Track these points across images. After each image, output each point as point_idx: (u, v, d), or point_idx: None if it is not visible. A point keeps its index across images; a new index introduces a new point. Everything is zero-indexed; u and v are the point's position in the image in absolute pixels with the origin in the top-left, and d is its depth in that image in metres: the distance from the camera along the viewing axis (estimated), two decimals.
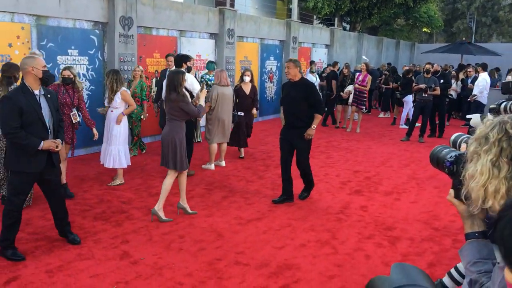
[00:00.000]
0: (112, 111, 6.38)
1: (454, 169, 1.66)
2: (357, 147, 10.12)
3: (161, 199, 5.21)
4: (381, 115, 15.50)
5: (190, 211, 5.47)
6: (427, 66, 10.89)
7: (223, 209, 5.72)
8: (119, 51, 8.67)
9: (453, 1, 38.49)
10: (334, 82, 12.64)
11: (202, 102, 5.43)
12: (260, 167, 7.95)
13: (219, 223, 5.26)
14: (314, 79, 14.45)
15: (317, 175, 7.49)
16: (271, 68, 14.18)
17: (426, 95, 10.43)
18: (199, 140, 9.96)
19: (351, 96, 11.76)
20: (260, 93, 13.71)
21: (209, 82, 8.93)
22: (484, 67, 11.80)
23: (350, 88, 11.69)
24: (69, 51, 8.05)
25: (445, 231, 5.25)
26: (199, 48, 11.09)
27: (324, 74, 14.29)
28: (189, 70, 6.94)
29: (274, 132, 11.59)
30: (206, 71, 9.39)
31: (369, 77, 11.54)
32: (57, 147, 4.21)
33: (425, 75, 10.72)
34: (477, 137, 1.46)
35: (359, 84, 11.63)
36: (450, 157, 1.70)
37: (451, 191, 1.67)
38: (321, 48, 17.33)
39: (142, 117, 8.17)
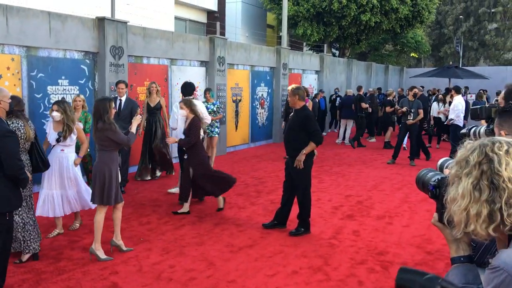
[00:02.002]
0: (62, 150, 5.44)
1: (437, 193, 1.66)
2: (349, 171, 10.13)
3: (96, 239, 4.86)
4: (369, 139, 15.56)
5: (125, 248, 5.11)
6: (415, 90, 11.11)
7: (214, 237, 5.66)
8: (110, 80, 8.71)
9: (439, 26, 39.34)
10: (363, 104, 13.50)
11: (134, 129, 5.12)
12: (252, 193, 7.91)
13: (211, 251, 5.19)
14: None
15: None
16: (262, 94, 14.29)
17: (410, 120, 10.62)
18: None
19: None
20: (251, 119, 13.78)
21: (209, 110, 8.95)
22: (457, 90, 11.89)
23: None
24: (60, 81, 8.08)
25: (438, 255, 5.21)
26: (190, 75, 11.16)
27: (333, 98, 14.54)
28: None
29: (266, 158, 11.60)
30: (204, 99, 9.12)
31: (309, 103, 10.72)
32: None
33: (410, 98, 10.91)
34: (458, 161, 1.47)
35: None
36: (433, 181, 1.70)
37: (435, 215, 1.67)
38: (311, 74, 17.53)
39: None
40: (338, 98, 16.00)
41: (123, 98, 7.81)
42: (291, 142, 5.75)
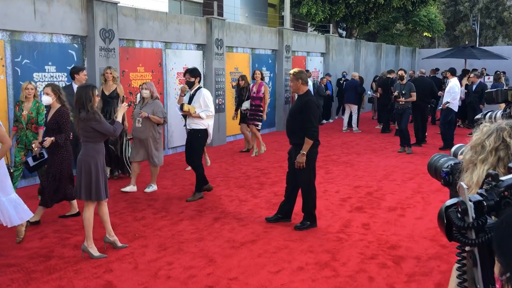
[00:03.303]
0: None
1: (450, 180, 1.66)
2: (358, 160, 10.14)
3: (87, 236, 4.88)
4: (378, 126, 15.58)
5: (119, 244, 5.14)
6: (400, 72, 11.42)
7: (215, 232, 5.69)
8: (100, 66, 8.70)
9: (454, 3, 39.02)
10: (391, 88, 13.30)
11: (119, 118, 5.13)
12: (254, 185, 7.94)
13: (211, 247, 5.22)
14: (309, 84, 14.67)
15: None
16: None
17: (402, 103, 10.89)
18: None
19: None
20: None
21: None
22: (453, 72, 11.90)
23: (246, 104, 10.34)
24: (46, 67, 8.07)
25: (454, 248, 5.19)
26: (186, 60, 11.14)
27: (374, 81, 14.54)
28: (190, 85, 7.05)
29: (268, 147, 11.60)
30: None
31: (265, 87, 10.27)
32: None
33: (400, 81, 11.18)
34: (472, 145, 1.46)
35: (255, 96, 10.31)
36: (446, 167, 1.70)
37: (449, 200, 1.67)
38: (316, 56, 17.46)
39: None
40: (345, 83, 16.00)
41: None
42: (293, 129, 5.77)
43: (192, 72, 7.04)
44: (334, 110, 17.71)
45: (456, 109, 11.38)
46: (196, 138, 6.95)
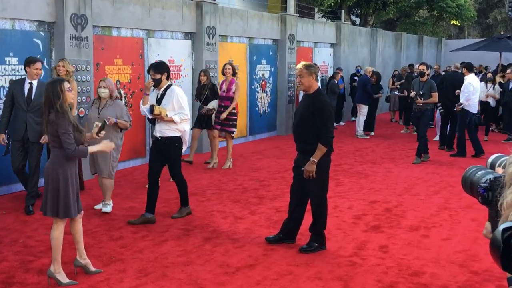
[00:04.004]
0: None
1: (489, 197, 1.67)
2: (374, 171, 10.15)
3: (54, 259, 4.85)
4: (403, 130, 15.63)
5: (93, 269, 5.11)
6: (421, 67, 11.29)
7: (205, 255, 5.68)
8: (71, 57, 8.69)
9: None
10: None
11: (93, 149, 5.09)
12: (252, 200, 7.93)
13: (200, 272, 5.21)
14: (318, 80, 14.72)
15: None
16: (263, 74, 14.29)
17: (420, 105, 10.81)
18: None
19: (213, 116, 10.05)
20: (249, 106, 13.78)
21: None
22: (469, 67, 11.83)
23: (213, 104, 9.85)
24: (7, 59, 8.07)
25: (487, 275, 5.24)
26: (172, 51, 11.16)
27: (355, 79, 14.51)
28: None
29: (268, 154, 11.61)
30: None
31: (236, 84, 9.95)
32: None
33: (420, 78, 11.10)
34: None
35: (224, 95, 9.94)
36: (484, 182, 1.71)
37: (487, 225, 1.68)
38: (325, 48, 17.52)
39: None
40: (357, 79, 16.08)
41: (35, 82, 7.20)
42: (302, 134, 5.77)
43: (156, 68, 6.75)
44: (347, 111, 17.75)
45: (473, 110, 11.43)
46: (172, 148, 6.75)
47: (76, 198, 4.93)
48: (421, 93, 10.79)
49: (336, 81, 15.78)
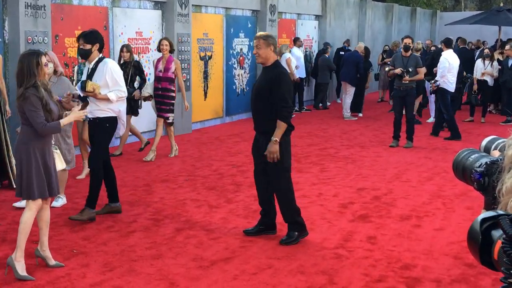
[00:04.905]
0: None
1: (485, 183, 1.68)
2: (362, 155, 10.21)
3: (19, 245, 4.84)
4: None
5: (53, 262, 5.08)
6: (406, 40, 11.22)
7: (177, 247, 5.67)
8: (26, 29, 8.55)
9: None
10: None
11: (64, 122, 5.04)
12: (229, 187, 7.93)
13: (172, 266, 5.21)
14: (300, 55, 14.70)
15: (307, 195, 7.52)
16: (241, 49, 14.22)
17: (406, 82, 10.70)
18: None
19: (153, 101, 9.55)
20: (226, 84, 13.73)
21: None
22: (448, 43, 12.03)
23: (149, 89, 9.34)
24: None
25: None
26: (140, 22, 11.03)
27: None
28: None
29: (248, 137, 11.59)
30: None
31: (175, 62, 9.40)
32: None
33: (403, 53, 11.01)
34: None
35: (161, 75, 9.33)
36: (479, 166, 1.71)
37: (484, 213, 1.68)
38: (309, 20, 17.48)
39: None
40: (344, 55, 16.09)
41: None
42: (262, 112, 5.75)
43: (86, 37, 6.36)
44: (332, 90, 17.79)
45: (451, 88, 11.59)
46: (102, 130, 6.32)
47: (47, 180, 4.92)
48: (410, 70, 10.72)
49: (327, 56, 15.81)
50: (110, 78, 6.27)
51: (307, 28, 17.29)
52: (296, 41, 15.18)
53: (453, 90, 11.74)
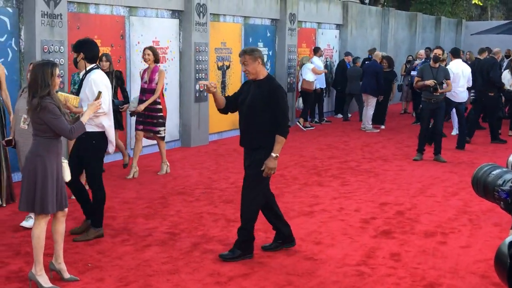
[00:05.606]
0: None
1: None
2: (384, 169, 10.17)
3: (36, 259, 4.90)
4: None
5: (67, 275, 5.14)
6: (436, 51, 11.03)
7: (193, 262, 5.68)
8: (42, 38, 8.66)
9: None
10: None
11: (85, 118, 5.19)
12: None
13: (188, 282, 5.21)
14: (320, 65, 14.72)
15: (328, 209, 7.51)
16: None
17: (438, 94, 10.53)
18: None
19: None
20: None
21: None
22: (454, 53, 12.15)
23: (135, 102, 9.12)
24: None
25: None
26: (157, 31, 11.11)
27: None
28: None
29: None
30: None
31: (160, 72, 8.97)
32: None
33: (432, 64, 10.84)
34: None
35: (146, 87, 9.01)
36: (502, 183, 1.69)
37: None
38: (330, 29, 17.49)
39: None
40: (364, 65, 16.09)
41: None
42: (256, 128, 5.69)
43: (74, 46, 6.35)
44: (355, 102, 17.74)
45: (456, 99, 11.69)
46: (89, 147, 6.05)
47: (59, 193, 4.97)
48: (442, 82, 10.59)
49: (349, 62, 15.99)
50: (89, 91, 5.99)
51: (327, 37, 17.30)
52: (317, 51, 15.18)
53: (459, 101, 11.83)
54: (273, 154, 5.60)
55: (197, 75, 11.87)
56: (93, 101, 5.38)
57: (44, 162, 4.89)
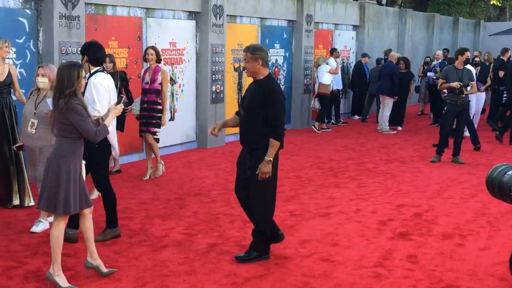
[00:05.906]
0: None
1: None
2: (401, 170, 10.13)
3: (54, 259, 4.93)
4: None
5: (105, 270, 5.26)
6: (467, 53, 10.72)
7: (210, 263, 5.70)
8: (60, 39, 8.73)
9: None
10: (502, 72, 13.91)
11: (108, 121, 5.28)
12: None
13: (205, 283, 5.22)
14: (335, 66, 14.68)
15: (345, 211, 7.50)
16: (276, 60, 14.28)
17: (463, 96, 10.45)
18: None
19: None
20: None
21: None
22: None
23: (137, 105, 9.02)
24: None
25: None
26: (174, 33, 11.16)
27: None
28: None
29: (281, 151, 11.57)
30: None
31: (162, 72, 8.96)
32: None
33: (457, 65, 10.67)
34: None
35: (147, 87, 8.94)
36: None
37: None
38: (347, 30, 17.46)
39: None
40: (380, 66, 16.04)
41: None
42: (253, 128, 5.68)
43: (81, 48, 6.45)
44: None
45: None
46: (92, 151, 5.83)
47: (82, 192, 5.05)
48: (468, 84, 10.48)
49: (365, 63, 16.07)
50: (89, 93, 5.95)
51: (344, 38, 17.27)
52: (333, 52, 15.15)
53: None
54: (267, 158, 5.53)
55: (213, 76, 11.91)
56: (114, 105, 5.40)
57: (69, 163, 4.92)
